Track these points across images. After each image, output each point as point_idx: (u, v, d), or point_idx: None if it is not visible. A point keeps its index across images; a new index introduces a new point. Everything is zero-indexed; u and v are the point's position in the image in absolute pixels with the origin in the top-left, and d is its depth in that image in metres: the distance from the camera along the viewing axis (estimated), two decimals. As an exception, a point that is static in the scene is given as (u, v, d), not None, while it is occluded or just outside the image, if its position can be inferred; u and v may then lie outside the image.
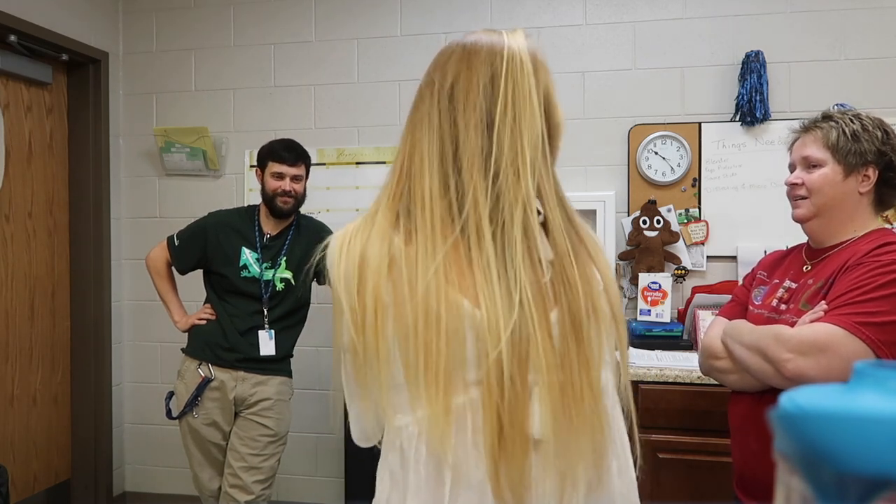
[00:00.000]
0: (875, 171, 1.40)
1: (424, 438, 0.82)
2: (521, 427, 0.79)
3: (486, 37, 0.90)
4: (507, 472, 0.79)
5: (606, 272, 0.89)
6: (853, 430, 0.34)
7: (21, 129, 2.88)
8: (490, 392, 0.79)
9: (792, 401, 0.37)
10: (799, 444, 0.36)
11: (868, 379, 0.38)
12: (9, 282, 2.82)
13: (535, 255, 0.82)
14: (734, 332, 1.48)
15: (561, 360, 0.81)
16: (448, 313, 0.80)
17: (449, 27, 2.94)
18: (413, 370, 0.81)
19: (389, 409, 0.84)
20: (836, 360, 1.26)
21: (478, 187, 0.83)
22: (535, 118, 0.85)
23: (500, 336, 0.78)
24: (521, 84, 0.86)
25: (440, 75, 0.89)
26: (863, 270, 1.31)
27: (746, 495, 1.49)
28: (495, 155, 0.84)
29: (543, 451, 0.80)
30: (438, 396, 0.79)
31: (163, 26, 3.21)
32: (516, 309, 0.79)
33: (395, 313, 0.81)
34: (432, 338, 0.79)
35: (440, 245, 0.82)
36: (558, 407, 0.80)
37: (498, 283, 0.80)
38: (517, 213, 0.82)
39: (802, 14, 2.67)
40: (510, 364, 0.79)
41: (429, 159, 0.86)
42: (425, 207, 0.84)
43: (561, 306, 0.82)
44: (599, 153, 2.83)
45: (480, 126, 0.85)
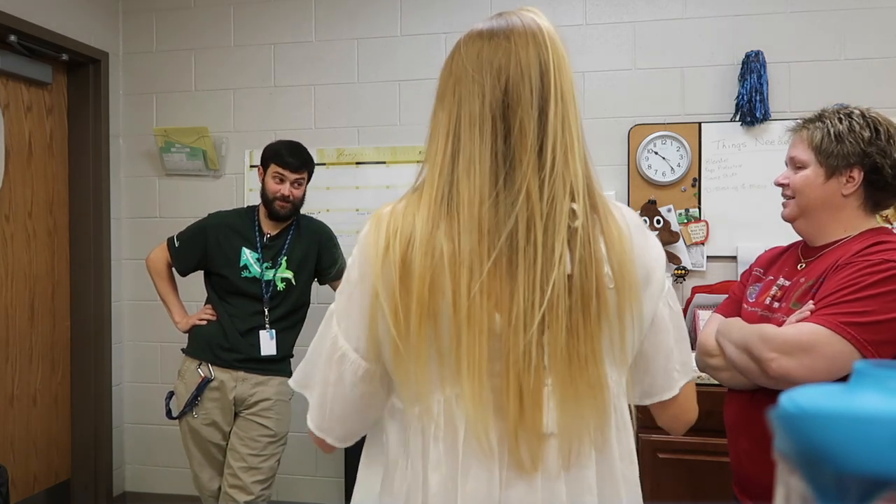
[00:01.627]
0: (860, 172, 1.38)
1: (454, 415, 0.85)
2: (537, 412, 0.83)
3: (519, 20, 0.88)
4: (522, 453, 0.84)
5: (621, 270, 0.86)
6: (853, 430, 0.34)
7: (21, 129, 2.88)
8: (511, 378, 0.83)
9: (792, 401, 0.37)
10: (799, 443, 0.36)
11: (868, 379, 0.38)
12: (9, 282, 2.82)
13: (565, 249, 0.83)
14: (726, 330, 1.48)
15: (570, 354, 0.83)
16: (484, 327, 0.82)
17: (449, 27, 2.94)
18: (448, 365, 0.84)
19: (416, 392, 0.86)
20: (820, 360, 1.26)
21: (532, 186, 0.82)
22: (576, 107, 0.86)
23: (522, 335, 0.82)
24: (567, 73, 0.87)
25: (487, 69, 0.85)
26: (851, 270, 1.31)
27: (744, 495, 1.49)
28: (549, 147, 0.83)
29: (557, 440, 0.85)
30: (474, 381, 0.82)
31: (163, 26, 3.21)
32: (541, 308, 0.81)
33: (435, 323, 0.82)
34: (470, 345, 0.82)
35: (486, 257, 0.81)
36: (566, 400, 0.83)
37: (531, 290, 0.82)
38: (563, 211, 0.82)
39: (802, 14, 2.67)
40: (529, 363, 0.82)
41: (480, 158, 0.83)
42: (473, 214, 0.82)
43: (576, 302, 0.83)
44: (599, 153, 2.83)
45: (534, 119, 0.83)
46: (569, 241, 0.83)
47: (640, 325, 0.89)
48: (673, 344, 0.94)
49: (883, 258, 1.29)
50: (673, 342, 0.94)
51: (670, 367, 0.95)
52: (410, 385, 0.85)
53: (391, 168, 2.97)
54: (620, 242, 0.86)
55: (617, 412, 0.89)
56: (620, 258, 0.85)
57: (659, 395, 0.97)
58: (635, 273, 0.86)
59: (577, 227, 0.83)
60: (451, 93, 0.87)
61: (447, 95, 0.88)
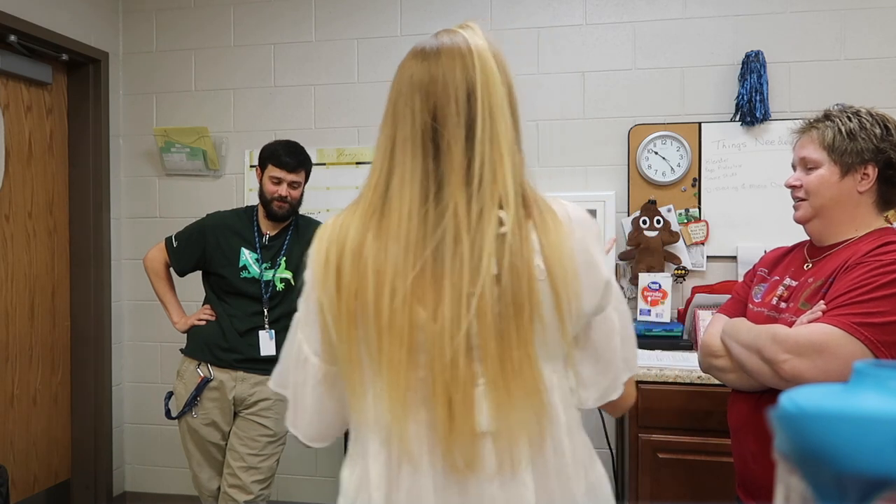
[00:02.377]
0: (874, 168, 1.39)
1: (383, 425, 0.89)
2: (467, 418, 0.85)
3: (450, 40, 0.92)
4: (455, 456, 0.86)
5: (557, 260, 0.87)
6: (853, 430, 0.34)
7: (21, 129, 2.87)
8: (437, 385, 0.85)
9: (792, 401, 0.37)
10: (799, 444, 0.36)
11: (868, 379, 0.38)
12: (9, 282, 2.82)
13: (491, 260, 0.85)
14: (732, 331, 1.47)
15: (502, 351, 0.85)
16: (411, 329, 0.85)
17: (449, 27, 2.94)
18: (374, 372, 0.88)
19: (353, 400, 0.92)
20: (833, 361, 1.26)
21: (459, 202, 0.86)
22: (507, 121, 0.88)
23: (448, 344, 0.84)
24: (495, 90, 0.89)
25: (417, 91, 0.90)
26: (863, 270, 1.31)
27: (748, 496, 1.49)
28: (477, 164, 0.86)
29: (488, 436, 0.86)
30: (393, 387, 0.86)
31: (163, 26, 3.21)
32: (468, 317, 0.84)
33: (362, 330, 0.88)
34: (395, 350, 0.86)
35: (410, 269, 0.86)
36: (499, 396, 0.85)
37: (458, 299, 0.84)
38: (490, 221, 0.85)
39: (802, 14, 2.67)
40: (457, 361, 0.85)
41: (410, 177, 0.88)
42: (401, 228, 0.87)
43: (506, 300, 0.85)
44: (599, 153, 2.83)
45: (460, 136, 0.87)
46: (498, 248, 0.85)
47: (580, 317, 0.91)
48: (622, 344, 0.97)
49: (894, 258, 1.29)
50: (620, 343, 0.97)
51: (620, 367, 0.97)
52: (349, 386, 0.91)
53: (391, 168, 2.97)
54: (557, 234, 0.88)
55: (561, 411, 0.91)
56: (556, 249, 0.87)
57: (611, 396, 0.98)
58: (573, 263, 0.88)
59: (505, 234, 0.85)
60: (390, 113, 0.92)
61: (387, 116, 0.93)
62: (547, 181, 2.84)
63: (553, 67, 2.86)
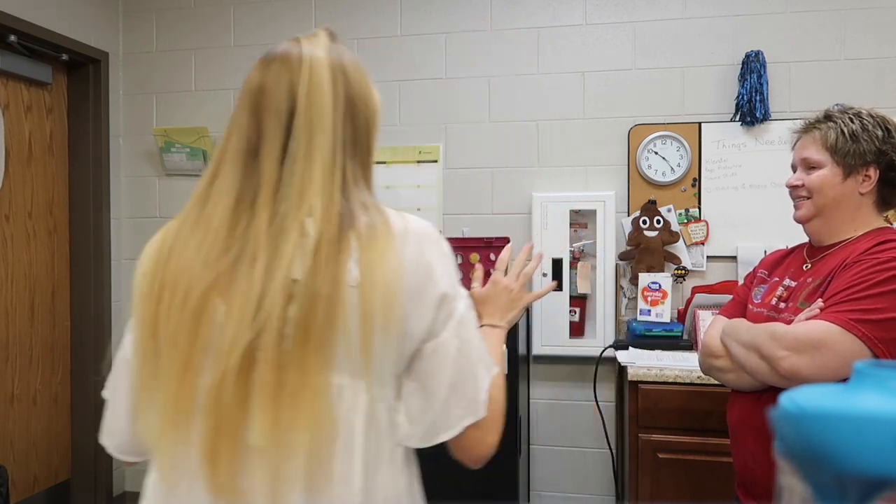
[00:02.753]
0: (876, 170, 1.40)
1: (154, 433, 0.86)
2: (237, 431, 0.81)
3: (289, 48, 0.90)
4: (222, 475, 0.81)
5: (373, 271, 0.82)
6: (853, 430, 0.34)
7: (21, 129, 2.87)
8: (214, 396, 0.81)
9: (792, 400, 0.37)
10: (799, 443, 0.36)
11: (868, 379, 0.38)
12: (9, 282, 2.82)
13: (283, 271, 0.82)
14: (732, 331, 1.48)
15: (284, 363, 0.80)
16: (195, 336, 0.83)
17: (449, 27, 2.94)
18: (161, 375, 0.85)
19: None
20: (831, 358, 1.26)
21: (263, 215, 0.83)
22: (327, 136, 0.85)
23: (229, 352, 0.80)
24: (319, 104, 0.86)
25: (248, 101, 0.89)
26: (860, 268, 1.31)
27: (747, 496, 1.49)
28: (287, 179, 0.84)
29: (259, 454, 0.81)
30: (168, 401, 0.83)
31: (163, 26, 3.21)
32: (253, 325, 0.80)
33: (162, 319, 0.85)
34: (174, 356, 0.83)
35: (208, 275, 0.83)
36: (275, 409, 0.80)
37: (247, 302, 0.81)
38: (292, 236, 0.82)
39: (802, 14, 2.67)
40: (236, 372, 0.80)
41: (228, 188, 0.86)
42: (207, 235, 0.85)
43: (299, 311, 0.81)
44: (599, 153, 2.83)
45: (277, 146, 0.85)
46: (300, 260, 0.81)
47: (402, 337, 0.84)
48: (457, 378, 0.86)
49: (891, 256, 1.30)
50: (457, 376, 0.86)
51: (451, 405, 0.86)
52: (139, 389, 0.89)
53: (391, 168, 2.97)
54: (380, 245, 0.83)
55: (360, 438, 0.83)
56: (375, 260, 0.82)
57: (441, 435, 0.87)
58: (397, 276, 0.82)
59: (311, 246, 0.81)
60: (229, 121, 0.91)
61: (228, 123, 0.91)
62: (547, 181, 2.84)
63: (553, 67, 2.86)
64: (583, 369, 2.80)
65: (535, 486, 2.88)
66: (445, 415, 0.86)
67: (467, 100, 2.93)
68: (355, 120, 0.89)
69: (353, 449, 0.83)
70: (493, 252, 2.54)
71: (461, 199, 2.93)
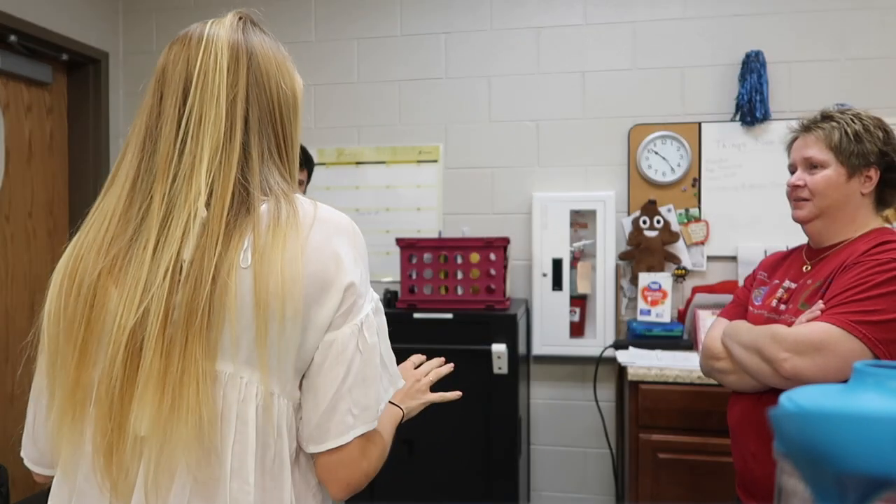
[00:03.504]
0: (877, 171, 1.40)
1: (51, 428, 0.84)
2: (124, 421, 0.79)
3: (192, 29, 0.90)
4: (114, 467, 0.79)
5: (268, 258, 0.79)
6: (853, 430, 0.34)
7: (21, 129, 2.87)
8: (103, 385, 0.80)
9: (792, 400, 0.37)
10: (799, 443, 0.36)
11: (868, 378, 0.38)
12: (9, 282, 2.82)
13: (180, 258, 0.79)
14: (733, 333, 1.48)
15: (168, 349, 0.77)
16: (88, 323, 0.81)
17: (449, 27, 2.94)
18: (59, 366, 0.83)
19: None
20: (832, 359, 1.27)
21: (156, 195, 0.82)
22: (220, 119, 0.83)
23: (116, 339, 0.79)
24: (212, 82, 0.84)
25: (155, 82, 0.88)
26: (860, 269, 1.32)
27: (748, 496, 1.49)
28: (176, 159, 0.82)
29: (147, 445, 0.78)
30: (62, 392, 0.82)
31: (163, 26, 3.21)
32: (138, 310, 0.79)
33: (61, 310, 0.83)
34: (66, 346, 0.82)
35: (102, 258, 0.82)
36: (158, 397, 0.77)
37: (136, 287, 0.79)
38: (182, 216, 0.80)
39: (802, 14, 2.67)
40: (123, 359, 0.78)
41: (128, 169, 0.85)
42: (105, 218, 0.84)
43: (184, 295, 0.78)
44: (599, 153, 2.83)
45: (173, 127, 0.83)
46: (191, 243, 0.79)
47: (301, 329, 0.80)
48: (351, 381, 0.81)
49: (891, 257, 1.30)
50: (351, 378, 0.81)
51: (342, 408, 0.81)
52: (45, 387, 0.88)
53: (391, 168, 2.97)
54: (279, 230, 0.80)
55: (252, 433, 0.79)
56: (271, 246, 0.79)
57: (329, 440, 0.81)
58: (294, 263, 0.79)
59: (200, 228, 0.80)
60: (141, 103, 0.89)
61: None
62: (547, 181, 2.84)
63: (553, 67, 2.86)
64: (583, 369, 2.80)
65: (535, 486, 2.88)
66: (333, 419, 0.81)
67: (467, 100, 2.93)
68: (260, 100, 0.86)
69: (245, 443, 0.79)
70: (493, 252, 2.53)
71: (461, 199, 2.93)
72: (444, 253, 2.58)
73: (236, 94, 0.84)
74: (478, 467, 2.40)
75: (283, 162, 0.89)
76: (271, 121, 0.87)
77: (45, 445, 0.90)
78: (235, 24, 0.89)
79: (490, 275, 2.54)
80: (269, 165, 0.86)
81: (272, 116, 0.88)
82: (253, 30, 0.91)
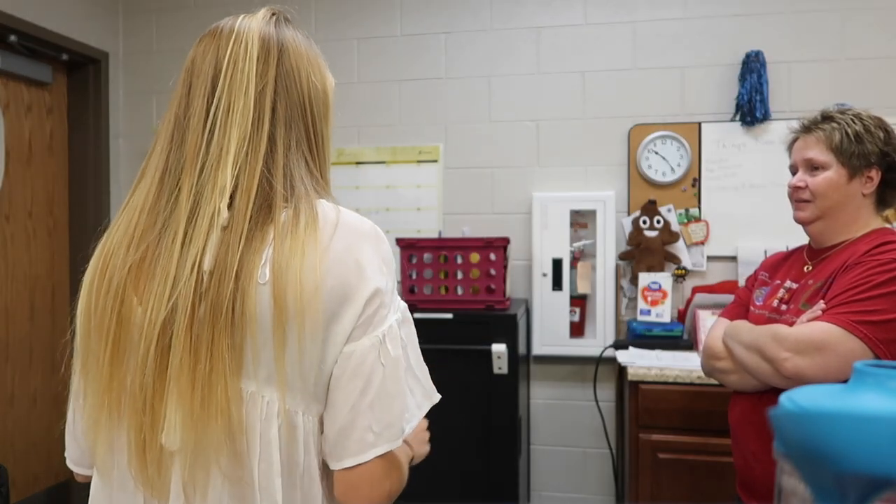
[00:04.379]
0: (878, 172, 1.40)
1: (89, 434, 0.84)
2: (157, 418, 0.78)
3: (223, 22, 0.88)
4: (146, 464, 0.79)
5: (287, 265, 0.76)
6: (853, 430, 0.34)
7: (21, 129, 2.87)
8: (133, 397, 0.79)
9: (792, 400, 0.37)
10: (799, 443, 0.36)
11: (868, 378, 0.38)
12: (9, 282, 2.82)
13: (205, 254, 0.77)
14: (734, 333, 1.48)
15: (196, 346, 0.76)
16: (119, 323, 0.80)
17: (449, 27, 2.94)
18: (92, 363, 0.83)
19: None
20: (833, 359, 1.27)
21: (184, 189, 0.80)
22: (248, 109, 0.81)
23: (152, 340, 0.77)
24: (241, 72, 0.82)
25: (185, 77, 0.86)
26: (861, 269, 1.32)
27: (749, 496, 1.49)
28: (203, 149, 0.81)
29: (179, 456, 0.77)
30: (96, 399, 0.82)
31: (163, 26, 3.21)
32: (163, 319, 0.77)
33: (93, 307, 0.83)
34: (99, 346, 0.81)
35: (128, 260, 0.81)
36: (184, 412, 0.75)
37: (161, 295, 0.78)
38: (208, 210, 0.78)
39: (802, 14, 2.67)
40: (154, 355, 0.77)
41: (157, 162, 0.84)
42: (134, 213, 0.83)
43: (210, 292, 0.76)
44: (599, 153, 2.83)
45: (202, 118, 0.82)
46: (216, 243, 0.78)
47: (322, 342, 0.77)
48: (372, 396, 0.77)
49: (891, 257, 1.30)
50: (372, 393, 0.77)
51: (361, 425, 0.77)
52: (79, 389, 0.89)
53: (391, 168, 2.97)
54: (301, 236, 0.77)
55: (275, 448, 0.77)
56: (291, 252, 0.76)
57: (343, 459, 0.78)
58: (314, 271, 0.75)
59: (225, 228, 0.78)
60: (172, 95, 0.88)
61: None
62: (547, 181, 2.84)
63: (553, 67, 2.86)
64: (583, 369, 2.80)
65: (535, 486, 2.88)
66: (352, 436, 0.77)
67: (467, 100, 2.93)
68: (290, 92, 0.84)
69: (270, 461, 0.77)
70: (493, 252, 2.53)
71: (461, 199, 2.93)
72: (444, 253, 2.58)
73: (266, 84, 0.83)
74: (478, 467, 2.40)
75: (312, 157, 0.87)
76: (301, 114, 0.86)
77: (86, 444, 0.89)
78: (268, 18, 0.88)
79: (490, 275, 2.54)
80: (296, 157, 0.83)
81: (302, 110, 0.86)
82: (286, 25, 0.89)
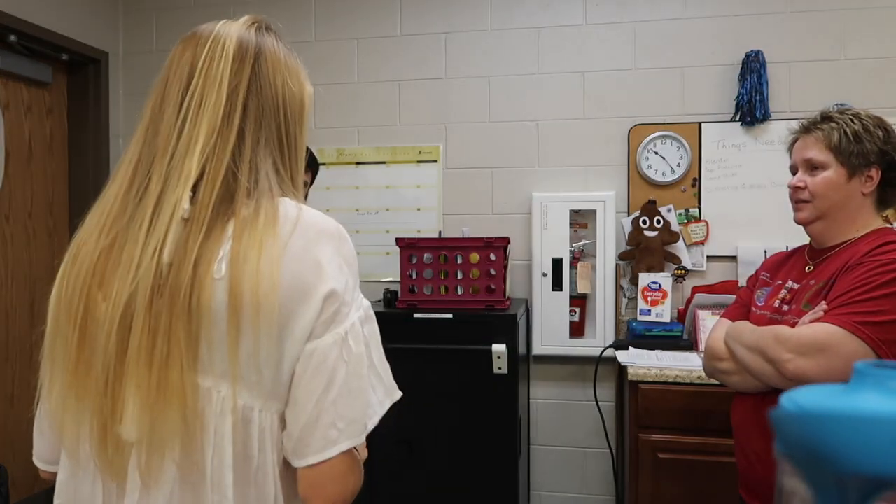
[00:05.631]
0: (878, 171, 1.40)
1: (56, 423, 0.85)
2: (117, 398, 0.78)
3: (203, 27, 0.91)
4: (107, 445, 0.79)
5: (244, 260, 0.76)
6: (853, 430, 0.34)
7: (21, 129, 2.87)
8: (96, 379, 0.79)
9: (792, 401, 0.37)
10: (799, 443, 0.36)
11: (868, 379, 0.38)
12: (9, 282, 2.82)
13: (166, 242, 0.78)
14: (736, 334, 1.48)
15: (154, 328, 0.76)
16: (86, 312, 0.81)
17: (449, 27, 2.94)
18: (60, 346, 0.83)
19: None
20: (836, 360, 1.27)
21: (156, 168, 0.82)
22: (220, 104, 0.83)
23: (114, 323, 0.78)
24: (216, 69, 0.85)
25: (162, 72, 0.89)
26: (863, 270, 1.32)
27: (751, 496, 1.49)
28: (175, 140, 0.82)
29: (137, 424, 0.78)
30: (61, 389, 0.81)
31: (163, 26, 3.21)
32: (122, 308, 0.78)
33: (62, 295, 0.84)
34: (66, 337, 0.81)
35: (99, 244, 0.82)
36: (141, 403, 0.76)
37: (123, 284, 0.79)
38: (172, 199, 0.79)
39: (802, 14, 2.67)
40: (116, 335, 0.78)
41: (131, 156, 0.86)
42: (105, 205, 0.84)
43: (166, 291, 0.77)
44: (599, 153, 2.83)
45: (175, 110, 0.84)
46: (177, 236, 0.79)
47: (280, 339, 0.77)
48: (335, 393, 0.78)
49: (893, 258, 1.30)
50: (335, 390, 0.78)
51: (325, 421, 0.77)
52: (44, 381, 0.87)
53: (391, 168, 2.97)
54: (258, 232, 0.78)
55: (228, 442, 0.77)
56: (248, 248, 0.77)
57: (307, 457, 0.78)
58: (267, 274, 0.76)
59: (184, 220, 0.79)
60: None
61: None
62: (547, 181, 2.84)
63: (553, 67, 2.86)
64: (583, 369, 2.80)
65: (535, 486, 2.88)
66: (315, 433, 0.77)
67: (467, 100, 2.93)
68: (264, 92, 0.87)
69: (223, 457, 0.77)
70: (493, 252, 2.53)
71: (461, 199, 2.93)
72: (444, 253, 2.58)
73: (239, 82, 0.85)
74: (478, 467, 2.40)
75: (282, 157, 0.88)
76: (274, 114, 0.87)
77: (52, 435, 0.89)
78: (248, 24, 0.91)
79: (490, 275, 2.54)
80: (263, 154, 0.85)
81: (275, 110, 0.87)
82: (267, 33, 0.93)
